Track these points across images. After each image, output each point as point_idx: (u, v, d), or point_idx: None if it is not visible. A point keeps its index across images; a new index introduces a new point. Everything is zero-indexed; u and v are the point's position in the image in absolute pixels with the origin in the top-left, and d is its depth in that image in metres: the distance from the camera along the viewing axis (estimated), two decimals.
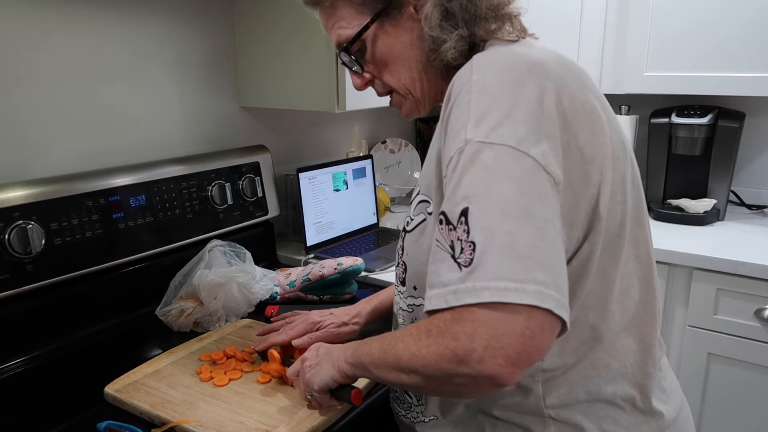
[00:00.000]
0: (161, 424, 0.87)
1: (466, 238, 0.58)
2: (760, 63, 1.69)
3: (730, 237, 1.72)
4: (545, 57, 0.69)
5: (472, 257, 0.57)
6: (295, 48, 1.44)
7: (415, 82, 0.81)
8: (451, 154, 0.63)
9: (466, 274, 0.57)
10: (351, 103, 1.41)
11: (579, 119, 0.66)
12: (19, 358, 1.08)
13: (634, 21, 1.85)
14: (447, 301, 0.58)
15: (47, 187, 1.11)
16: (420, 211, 0.75)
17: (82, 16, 1.22)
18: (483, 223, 0.58)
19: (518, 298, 0.55)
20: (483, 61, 0.68)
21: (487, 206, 0.58)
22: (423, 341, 0.61)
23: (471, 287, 0.56)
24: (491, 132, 0.61)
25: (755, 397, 1.56)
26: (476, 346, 0.55)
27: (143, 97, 1.36)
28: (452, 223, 0.60)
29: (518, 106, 0.62)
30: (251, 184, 1.48)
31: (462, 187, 0.60)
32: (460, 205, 0.60)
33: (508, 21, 0.76)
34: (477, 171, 0.60)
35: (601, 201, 0.67)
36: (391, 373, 0.67)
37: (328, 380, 0.80)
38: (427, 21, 0.75)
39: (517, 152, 0.60)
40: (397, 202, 2.15)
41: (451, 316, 0.58)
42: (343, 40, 0.81)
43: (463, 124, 0.63)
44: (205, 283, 1.17)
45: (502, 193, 0.59)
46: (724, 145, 1.85)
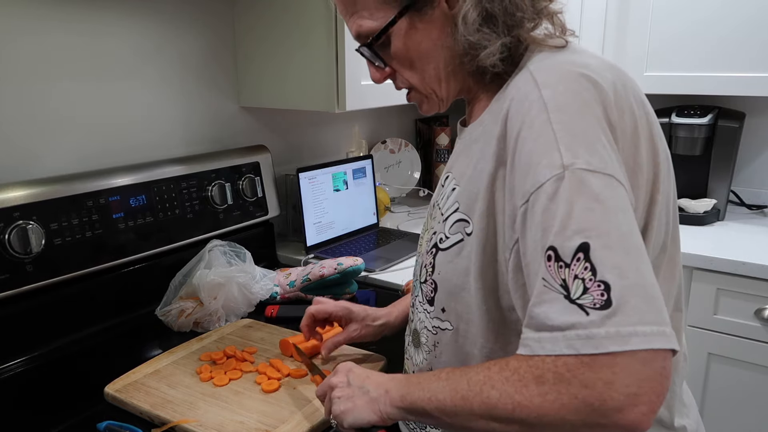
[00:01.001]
0: (161, 424, 0.87)
1: (591, 277, 0.53)
2: (760, 63, 1.69)
3: (730, 237, 1.72)
4: (601, 67, 0.65)
5: (606, 298, 0.52)
6: (295, 48, 1.44)
7: (441, 82, 0.75)
8: (542, 180, 0.58)
9: (604, 317, 0.52)
10: (351, 103, 1.41)
11: (639, 136, 0.64)
12: (19, 358, 1.08)
13: (634, 21, 1.85)
14: (575, 347, 0.53)
15: (47, 187, 1.11)
16: (458, 230, 0.70)
17: (82, 15, 1.22)
18: (610, 261, 0.53)
19: (663, 343, 0.52)
20: (546, 75, 0.63)
21: (608, 242, 0.54)
22: (533, 389, 0.55)
23: (615, 333, 0.52)
24: (591, 158, 0.57)
25: (755, 397, 1.56)
26: (616, 395, 0.51)
27: (143, 96, 1.36)
28: (564, 260, 0.55)
29: (598, 128, 0.59)
30: (251, 184, 1.48)
31: (574, 220, 0.55)
32: (574, 240, 0.55)
33: (548, 19, 0.70)
34: (588, 202, 0.55)
35: (650, 224, 0.65)
36: (477, 421, 0.61)
37: (363, 423, 0.73)
38: (464, 23, 0.67)
39: (614, 181, 0.57)
40: (397, 202, 2.15)
41: (578, 361, 0.53)
42: (365, 33, 0.74)
43: (549, 146, 0.58)
44: (205, 283, 1.17)
45: (619, 227, 0.55)
46: (724, 145, 1.85)
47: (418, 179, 2.21)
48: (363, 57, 0.79)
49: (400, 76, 0.78)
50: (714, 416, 1.63)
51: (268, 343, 1.11)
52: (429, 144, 2.30)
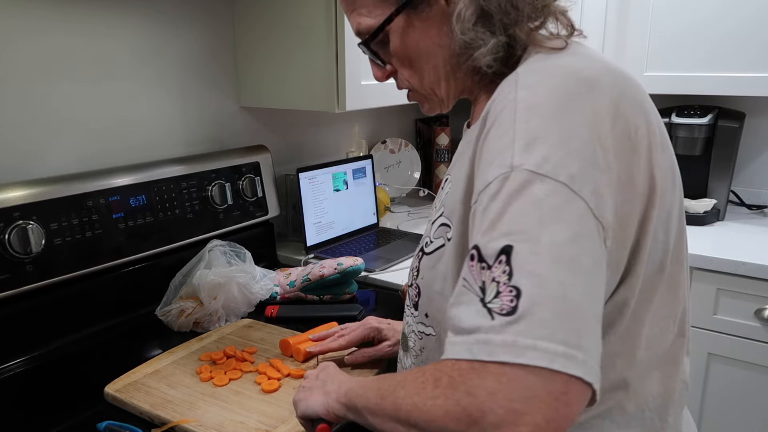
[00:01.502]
0: (161, 424, 0.87)
1: (506, 281, 0.49)
2: (760, 63, 1.69)
3: (730, 237, 1.72)
4: (599, 72, 0.60)
5: (514, 305, 0.48)
6: (295, 48, 1.44)
7: (440, 82, 0.73)
8: (490, 179, 0.55)
9: (505, 324, 0.48)
10: (351, 103, 1.41)
11: (631, 148, 0.59)
12: (19, 358, 1.08)
13: (634, 21, 1.85)
14: (472, 352, 0.49)
15: (47, 187, 1.11)
16: (440, 235, 0.68)
17: (82, 15, 1.22)
18: (531, 267, 0.49)
19: (566, 366, 0.46)
20: (530, 76, 0.60)
21: (536, 248, 0.50)
22: (429, 391, 0.52)
23: (512, 342, 0.47)
24: (544, 162, 0.52)
25: (755, 397, 1.56)
26: (496, 407, 0.46)
27: (143, 96, 1.36)
28: (487, 261, 0.51)
29: (572, 134, 0.54)
30: (251, 184, 1.48)
31: (505, 220, 0.51)
32: (500, 241, 0.51)
33: (552, 19, 0.67)
34: (525, 205, 0.51)
35: (642, 241, 0.60)
36: (388, 422, 0.58)
37: (311, 413, 0.74)
38: (459, 21, 0.65)
39: (570, 192, 0.52)
40: (397, 202, 2.15)
41: (470, 366, 0.49)
42: (363, 30, 0.73)
43: (507, 146, 0.55)
44: (205, 283, 1.17)
45: (554, 237, 0.50)
46: (724, 145, 1.85)
47: (418, 179, 2.21)
48: (365, 54, 0.78)
49: (400, 75, 0.77)
50: (714, 416, 1.62)
51: (268, 343, 1.11)
52: (429, 144, 2.30)
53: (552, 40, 0.66)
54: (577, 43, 0.67)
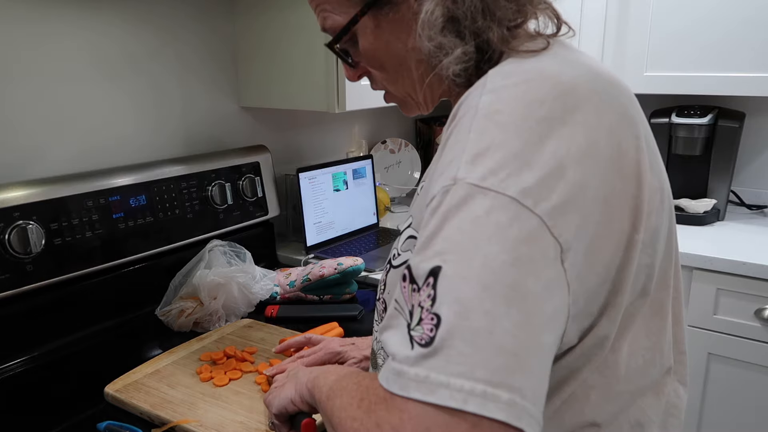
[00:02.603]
0: (161, 424, 0.87)
1: (429, 307, 0.44)
2: (760, 63, 1.69)
3: (730, 237, 1.72)
4: (579, 78, 0.54)
5: (432, 336, 0.43)
6: (295, 48, 1.44)
7: (414, 86, 0.67)
8: (434, 192, 0.50)
9: (420, 356, 0.43)
10: (351, 103, 1.41)
11: (610, 165, 0.51)
12: (19, 358, 1.08)
13: (634, 21, 1.85)
14: (388, 382, 0.45)
15: (47, 187, 1.11)
16: (408, 248, 0.62)
17: (82, 15, 1.22)
18: (456, 293, 0.44)
19: (483, 408, 0.41)
20: (498, 80, 0.54)
21: (465, 271, 0.44)
22: (352, 410, 0.50)
23: (423, 377, 0.42)
24: (490, 174, 0.47)
25: (755, 397, 1.56)
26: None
27: (143, 96, 1.36)
28: (417, 283, 0.47)
29: (533, 145, 0.48)
30: (251, 184, 1.48)
31: (439, 238, 0.47)
32: (431, 261, 0.46)
33: (532, 17, 0.60)
34: (461, 221, 0.46)
35: (627, 268, 0.53)
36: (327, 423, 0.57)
37: (286, 402, 0.71)
38: (424, 25, 0.59)
39: (519, 206, 0.46)
40: (397, 202, 2.15)
41: (382, 395, 0.46)
42: (329, 28, 0.68)
43: (456, 156, 0.50)
44: (205, 283, 1.17)
45: (489, 258, 0.44)
46: (724, 145, 1.85)
47: (418, 179, 2.21)
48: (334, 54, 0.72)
49: (373, 77, 0.72)
50: (714, 416, 1.63)
51: (268, 343, 1.11)
52: (429, 144, 2.30)
53: (532, 40, 0.59)
54: (561, 44, 0.61)
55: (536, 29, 0.61)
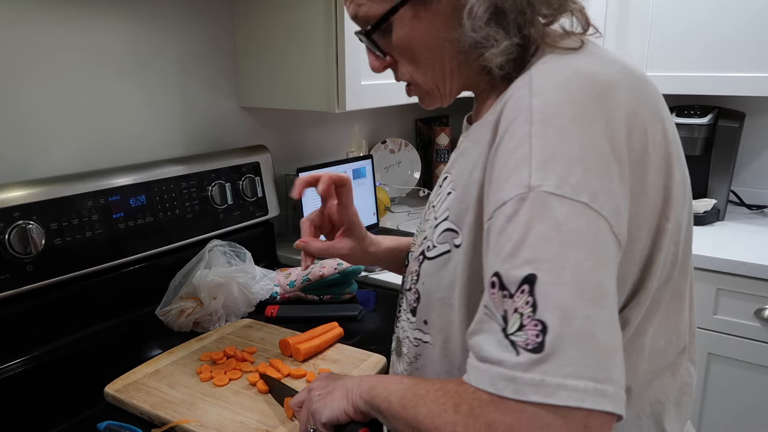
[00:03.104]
0: (161, 424, 0.87)
1: (530, 314, 0.48)
2: (760, 63, 1.69)
3: (730, 237, 1.72)
4: (614, 76, 0.57)
5: (540, 341, 0.47)
6: (295, 48, 1.44)
7: (445, 78, 0.69)
8: (505, 198, 0.52)
9: (533, 362, 0.47)
10: (351, 103, 1.41)
11: (649, 158, 0.56)
12: (19, 358, 1.08)
13: (634, 21, 1.85)
14: (497, 387, 0.48)
15: (47, 187, 1.11)
16: (446, 240, 0.65)
17: (82, 15, 1.22)
18: (556, 299, 0.47)
19: (597, 403, 0.46)
20: (544, 80, 0.56)
21: (560, 279, 0.48)
22: (449, 416, 0.52)
23: (540, 381, 0.46)
24: (562, 182, 0.50)
25: (755, 397, 1.56)
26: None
27: (143, 96, 1.36)
28: (508, 289, 0.49)
29: (589, 148, 0.52)
30: (251, 184, 1.48)
31: (526, 247, 0.49)
32: (522, 269, 0.49)
33: (567, 16, 0.63)
34: (546, 230, 0.49)
35: (656, 256, 0.59)
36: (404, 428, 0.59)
37: (339, 413, 0.70)
38: (470, 18, 0.61)
39: (591, 211, 0.50)
40: (397, 202, 2.15)
41: (489, 398, 0.48)
42: (363, 17, 0.68)
43: (522, 161, 0.52)
44: (205, 283, 1.17)
45: (578, 265, 0.48)
46: (724, 145, 1.85)
47: (418, 179, 2.21)
48: (362, 43, 0.73)
49: (400, 68, 0.72)
50: (714, 416, 1.63)
51: (268, 343, 1.11)
52: (429, 144, 2.30)
53: (566, 38, 0.63)
54: (593, 43, 0.64)
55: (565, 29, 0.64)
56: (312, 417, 0.73)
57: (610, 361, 0.47)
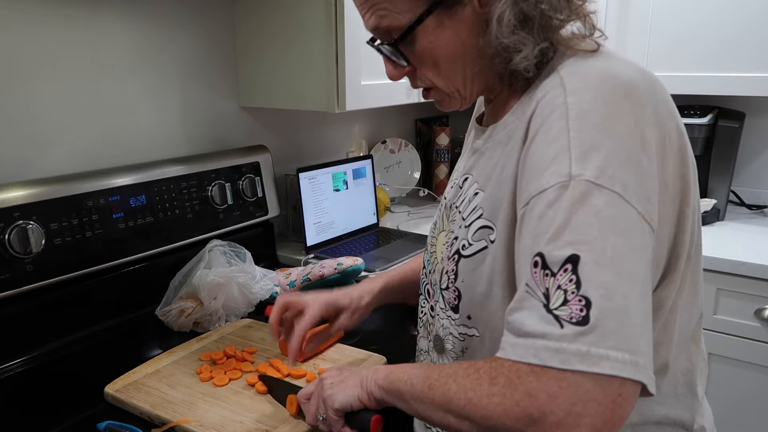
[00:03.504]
0: (161, 424, 0.87)
1: (574, 290, 0.52)
2: (760, 63, 1.69)
3: (730, 237, 1.72)
4: (635, 76, 0.62)
5: (585, 315, 0.51)
6: (295, 48, 1.44)
7: (466, 83, 0.72)
8: (546, 186, 0.56)
9: (578, 334, 0.51)
10: (351, 103, 1.41)
11: (667, 151, 0.61)
12: (19, 358, 1.08)
13: (634, 21, 1.85)
14: (542, 358, 0.51)
15: (47, 187, 1.11)
16: (481, 237, 0.69)
17: (82, 15, 1.22)
18: (598, 278, 0.52)
19: (632, 373, 0.50)
20: (576, 81, 0.60)
21: (601, 260, 0.53)
22: (485, 389, 0.55)
23: (585, 352, 0.50)
24: (600, 173, 0.55)
25: (755, 397, 1.56)
26: (557, 409, 0.50)
27: (143, 96, 1.36)
28: (551, 269, 0.54)
29: (622, 143, 0.57)
30: (251, 184, 1.48)
31: (569, 230, 0.54)
32: (565, 250, 0.53)
33: (580, 20, 0.67)
34: (587, 215, 0.54)
35: (681, 238, 0.64)
36: (436, 411, 0.61)
37: (353, 400, 0.72)
38: (499, 24, 0.63)
39: (624, 201, 0.55)
40: (397, 202, 2.15)
41: (530, 369, 0.52)
42: (386, 28, 0.70)
43: (561, 153, 0.57)
44: (205, 283, 1.17)
45: (616, 248, 0.53)
46: (724, 145, 1.85)
47: (418, 179, 2.21)
48: (380, 53, 0.75)
49: (421, 75, 0.74)
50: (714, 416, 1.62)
51: (268, 343, 1.11)
52: (429, 144, 2.29)
53: (582, 41, 0.66)
54: (605, 46, 0.68)
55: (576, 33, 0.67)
56: (324, 404, 0.75)
57: (642, 336, 0.52)
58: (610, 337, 0.50)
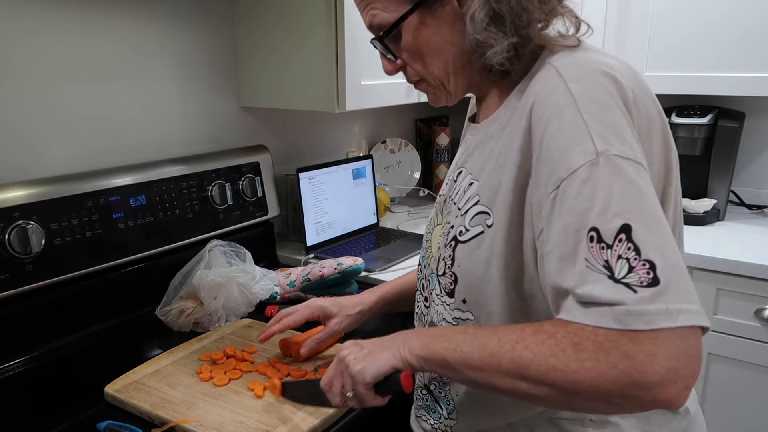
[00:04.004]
0: (161, 424, 0.87)
1: (636, 257, 0.55)
2: (759, 63, 1.69)
3: (730, 237, 1.72)
4: (618, 66, 0.67)
5: (653, 276, 0.54)
6: (295, 48, 1.44)
7: (449, 77, 0.77)
8: (575, 166, 0.60)
9: (654, 294, 0.54)
10: (351, 103, 1.41)
11: (652, 133, 0.67)
12: (19, 358, 1.08)
13: (634, 22, 1.85)
14: (625, 323, 0.54)
15: (47, 187, 1.11)
16: (478, 223, 0.72)
17: (82, 15, 1.22)
18: (652, 241, 0.56)
19: (701, 320, 0.54)
20: (572, 70, 0.65)
21: (648, 223, 0.56)
22: (570, 354, 0.56)
23: (665, 309, 0.53)
24: (622, 146, 0.60)
25: (755, 397, 1.56)
26: (657, 368, 0.53)
27: (143, 96, 1.36)
28: (606, 241, 0.56)
29: (624, 120, 0.62)
30: (251, 184, 1.48)
31: (614, 201, 0.57)
32: (615, 221, 0.56)
33: (559, 19, 0.73)
34: (625, 185, 0.58)
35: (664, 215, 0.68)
36: (503, 378, 0.62)
37: (386, 369, 0.72)
38: (472, 22, 0.69)
39: (643, 168, 0.60)
40: (397, 202, 2.15)
41: (620, 333, 0.54)
42: (377, 25, 0.77)
43: (582, 135, 0.60)
44: (205, 283, 1.17)
45: (654, 210, 0.58)
46: (724, 145, 1.85)
47: (418, 179, 2.21)
48: (376, 49, 0.81)
49: (410, 68, 0.80)
50: (714, 416, 1.62)
51: (268, 343, 1.11)
52: (429, 144, 2.30)
53: (565, 38, 0.72)
54: (586, 41, 0.73)
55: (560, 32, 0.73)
56: (352, 380, 0.74)
57: (691, 284, 0.56)
58: (680, 291, 0.54)
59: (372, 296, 1.06)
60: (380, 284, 1.11)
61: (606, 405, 0.57)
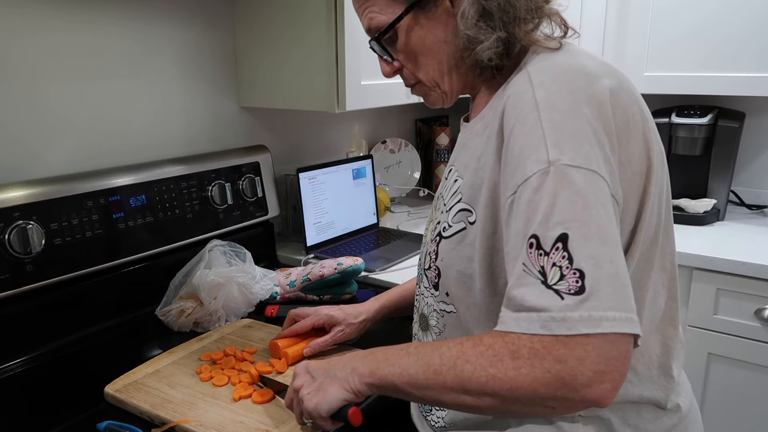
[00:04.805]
0: (161, 424, 0.87)
1: (568, 266, 0.57)
2: (760, 63, 1.69)
3: (730, 237, 1.72)
4: (597, 67, 0.68)
5: (581, 285, 0.57)
6: (295, 48, 1.44)
7: (443, 76, 0.80)
8: (529, 174, 0.62)
9: (578, 302, 0.56)
10: (351, 103, 1.41)
11: (630, 133, 0.67)
12: (19, 358, 1.08)
13: (634, 21, 1.85)
14: (548, 328, 0.57)
15: (47, 187, 1.11)
16: (461, 219, 0.75)
17: (82, 15, 1.22)
18: (587, 251, 0.58)
19: (630, 328, 0.56)
20: (542, 75, 0.67)
21: (587, 233, 0.58)
22: (508, 363, 0.59)
23: (587, 316, 0.56)
24: (576, 155, 0.61)
25: (755, 397, 1.56)
26: (586, 371, 0.56)
27: (143, 96, 1.36)
28: (544, 249, 0.59)
29: (588, 126, 0.63)
30: (251, 184, 1.48)
31: (556, 211, 0.59)
32: (555, 230, 0.59)
33: (546, 20, 0.74)
34: (570, 195, 0.59)
35: (642, 215, 0.69)
36: (448, 394, 0.64)
37: (339, 403, 0.75)
38: (463, 19, 0.72)
39: (598, 177, 0.61)
40: (397, 202, 2.15)
41: (554, 339, 0.57)
42: (374, 28, 0.79)
43: (538, 142, 0.62)
44: (205, 283, 1.17)
45: (598, 220, 0.59)
46: (724, 145, 1.85)
47: (418, 179, 2.21)
48: (374, 52, 0.84)
49: (406, 70, 0.82)
50: (714, 416, 1.62)
51: (268, 343, 1.11)
52: (429, 144, 2.30)
53: (549, 41, 0.73)
54: (570, 44, 0.75)
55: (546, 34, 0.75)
56: (310, 415, 0.77)
57: (628, 293, 0.58)
58: (606, 300, 0.56)
59: (375, 305, 1.09)
60: (382, 293, 1.13)
61: (543, 408, 0.60)
